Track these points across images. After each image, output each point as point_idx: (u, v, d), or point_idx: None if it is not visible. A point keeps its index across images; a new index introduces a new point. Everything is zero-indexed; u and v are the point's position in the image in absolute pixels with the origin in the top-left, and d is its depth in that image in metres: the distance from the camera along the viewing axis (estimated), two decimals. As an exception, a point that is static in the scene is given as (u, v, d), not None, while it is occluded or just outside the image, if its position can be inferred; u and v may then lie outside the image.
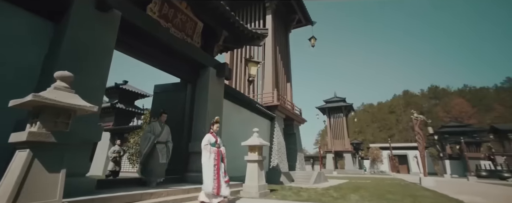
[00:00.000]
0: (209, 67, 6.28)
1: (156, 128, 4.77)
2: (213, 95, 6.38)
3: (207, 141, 4.22)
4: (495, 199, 5.73)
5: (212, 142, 4.23)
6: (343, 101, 39.16)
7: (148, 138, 4.60)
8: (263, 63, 12.40)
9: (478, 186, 10.74)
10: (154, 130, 4.72)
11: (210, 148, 4.16)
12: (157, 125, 4.81)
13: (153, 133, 4.67)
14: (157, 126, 4.78)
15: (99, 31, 3.48)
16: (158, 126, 4.79)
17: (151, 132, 4.68)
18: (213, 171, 3.97)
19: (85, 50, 3.26)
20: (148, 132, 4.69)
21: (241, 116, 9.14)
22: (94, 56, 3.38)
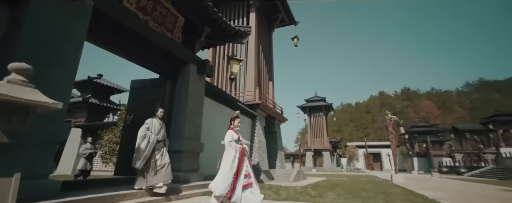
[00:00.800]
0: (190, 63, 6.09)
1: (155, 125, 4.23)
2: (194, 92, 6.21)
3: (231, 137, 3.81)
4: (454, 194, 6.29)
5: (236, 139, 3.83)
6: (323, 101, 40.25)
7: (146, 137, 3.99)
8: (246, 61, 12.33)
9: (440, 182, 11.63)
10: (153, 128, 4.17)
11: (235, 145, 3.74)
12: (155, 121, 4.28)
13: (151, 131, 4.10)
14: (156, 123, 4.26)
15: (67, 20, 3.20)
16: (157, 123, 4.27)
17: (150, 129, 4.10)
18: (233, 172, 3.51)
19: (50, 40, 2.97)
20: (146, 129, 4.08)
21: (223, 114, 9.01)
22: (61, 47, 3.09)
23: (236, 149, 3.69)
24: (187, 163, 5.48)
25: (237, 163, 3.61)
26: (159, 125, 4.30)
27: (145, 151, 3.94)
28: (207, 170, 7.15)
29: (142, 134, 4.03)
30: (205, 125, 7.55)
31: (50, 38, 2.98)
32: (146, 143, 3.98)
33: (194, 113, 6.23)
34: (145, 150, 3.94)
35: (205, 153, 7.02)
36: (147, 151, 3.96)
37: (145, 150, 3.94)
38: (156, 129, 4.21)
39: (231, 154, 3.65)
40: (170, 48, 5.37)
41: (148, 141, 3.99)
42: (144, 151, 3.93)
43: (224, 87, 12.59)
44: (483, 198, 5.71)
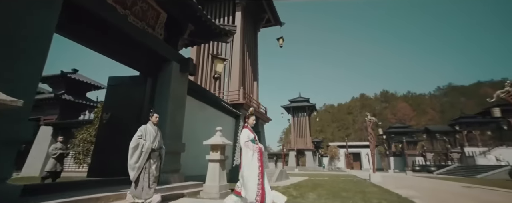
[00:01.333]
0: (172, 61, 5.90)
1: (150, 133, 3.84)
2: (176, 91, 6.02)
3: (247, 137, 3.53)
4: (424, 192, 6.67)
5: (252, 138, 3.55)
6: (307, 101, 40.96)
7: (139, 146, 3.62)
8: (230, 60, 12.22)
9: (413, 180, 12.29)
10: (148, 135, 3.80)
11: (253, 145, 3.45)
12: (150, 128, 3.89)
13: (146, 138, 3.73)
14: (151, 130, 3.88)
15: (33, 11, 2.94)
16: (152, 130, 3.90)
17: (144, 137, 3.73)
18: (257, 174, 3.25)
19: (12, 32, 2.72)
20: (139, 137, 3.70)
21: (205, 113, 8.85)
22: (26, 40, 2.84)
23: (253, 149, 3.41)
24: (167, 164, 5.29)
25: (258, 164, 3.33)
26: (154, 132, 3.92)
27: (138, 161, 3.58)
28: (189, 171, 6.99)
29: (134, 144, 3.65)
30: (187, 124, 7.36)
31: (12, 30, 2.72)
32: (139, 153, 3.62)
33: (176, 112, 6.05)
34: (138, 161, 3.58)
35: (187, 153, 6.85)
36: (141, 161, 3.60)
37: (138, 160, 3.58)
38: (151, 136, 3.83)
39: (248, 154, 3.39)
40: (151, 44, 5.16)
41: (141, 151, 3.63)
42: (137, 162, 3.58)
43: (208, 86, 12.39)
44: (449, 195, 6.14)
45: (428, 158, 35.42)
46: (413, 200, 4.59)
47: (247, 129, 3.67)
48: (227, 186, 5.53)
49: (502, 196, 6.21)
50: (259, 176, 3.24)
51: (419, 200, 4.69)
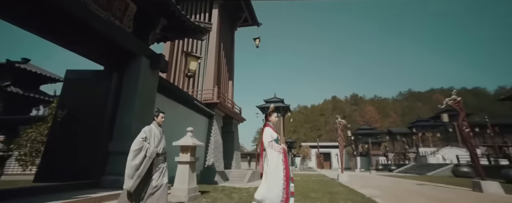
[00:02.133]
0: (142, 56, 5.53)
1: (155, 135, 3.42)
2: (145, 88, 5.65)
3: (270, 136, 3.21)
4: (385, 190, 7.17)
5: (276, 138, 3.25)
6: (281, 102, 41.71)
7: (143, 150, 3.18)
8: (205, 58, 11.91)
9: (376, 179, 13.19)
10: (153, 138, 3.38)
11: (277, 146, 3.16)
12: (155, 130, 3.49)
13: (150, 142, 3.31)
14: (156, 132, 3.48)
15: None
16: (157, 132, 3.50)
17: (148, 140, 3.32)
18: (282, 177, 2.97)
19: None
20: (143, 140, 3.27)
21: (177, 112, 8.49)
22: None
23: (279, 150, 3.12)
24: (131, 166, 4.94)
25: (284, 166, 3.06)
26: (159, 134, 3.49)
27: (139, 168, 3.10)
28: (156, 173, 6.62)
29: (137, 146, 3.18)
30: (156, 124, 6.99)
31: None
32: (142, 157, 3.15)
33: (144, 110, 5.68)
34: (140, 167, 3.10)
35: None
36: (143, 168, 3.12)
37: (140, 166, 3.10)
38: (155, 139, 3.39)
39: (274, 156, 3.08)
40: (117, 37, 4.76)
41: (144, 155, 3.16)
42: (139, 169, 3.09)
43: (181, 84, 11.93)
44: (406, 193, 6.70)
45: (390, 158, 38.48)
46: (376, 199, 4.88)
47: (269, 128, 3.33)
48: (197, 188, 5.35)
49: (447, 192, 6.94)
50: (284, 179, 2.99)
51: (381, 200, 5.01)
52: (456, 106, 8.12)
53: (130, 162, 3.13)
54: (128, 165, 3.13)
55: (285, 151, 3.19)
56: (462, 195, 6.40)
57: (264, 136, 3.23)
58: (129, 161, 3.15)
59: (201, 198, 5.13)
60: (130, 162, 3.13)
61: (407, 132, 41.93)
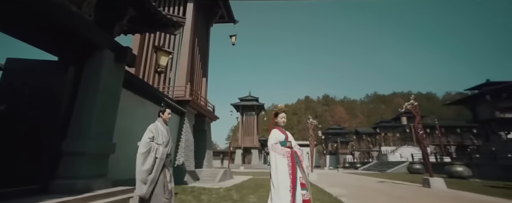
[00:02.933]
0: (105, 48, 5.07)
1: (162, 134, 3.11)
2: (108, 83, 5.21)
3: (275, 139, 2.88)
4: (351, 189, 7.60)
5: (282, 140, 2.89)
6: (256, 101, 42.00)
7: (152, 151, 2.89)
8: (178, 54, 11.43)
9: (342, 177, 13.96)
10: (161, 137, 3.07)
11: (281, 149, 2.81)
12: (161, 128, 3.21)
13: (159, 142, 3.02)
14: (163, 130, 3.19)
15: None
16: (164, 130, 3.21)
17: (156, 139, 3.01)
18: (288, 182, 2.63)
19: None
20: (150, 140, 2.96)
21: (145, 110, 8.03)
22: None
23: (282, 153, 2.77)
24: (89, 168, 4.52)
25: (289, 171, 2.70)
26: (166, 133, 3.23)
27: (152, 171, 2.82)
28: (121, 174, 6.21)
29: (145, 148, 2.87)
30: (122, 122, 6.54)
31: None
32: (153, 160, 2.86)
33: (107, 108, 5.24)
34: (152, 171, 2.82)
35: (119, 154, 6.07)
36: (156, 171, 2.84)
37: (152, 170, 2.82)
38: (163, 138, 3.13)
39: (277, 160, 2.75)
40: (74, 25, 4.29)
41: (154, 158, 2.88)
42: (152, 172, 2.81)
43: (152, 80, 11.31)
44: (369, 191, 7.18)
45: (356, 156, 41.06)
46: (342, 199, 5.13)
47: (277, 129, 3.00)
48: (164, 191, 5.10)
49: (402, 189, 7.62)
50: (291, 185, 2.64)
51: (346, 199, 5.28)
52: (413, 110, 8.91)
53: (141, 167, 2.84)
54: (139, 169, 2.85)
55: (292, 155, 2.79)
56: (414, 191, 7.07)
57: (269, 139, 2.96)
58: (139, 165, 2.86)
59: (167, 201, 4.90)
60: (140, 166, 2.85)
61: (371, 132, 45.09)
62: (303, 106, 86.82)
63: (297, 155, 2.85)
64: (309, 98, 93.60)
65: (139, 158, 2.89)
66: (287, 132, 3.01)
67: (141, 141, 2.97)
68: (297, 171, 2.71)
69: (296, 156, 2.81)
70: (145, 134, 3.02)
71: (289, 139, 2.94)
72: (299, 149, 2.94)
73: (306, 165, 20.93)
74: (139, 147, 2.94)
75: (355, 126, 61.71)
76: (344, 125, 67.22)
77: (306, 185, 2.71)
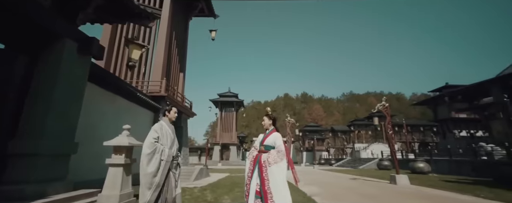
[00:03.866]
0: (66, 38, 4.58)
1: (167, 134, 2.90)
2: (69, 76, 4.73)
3: (255, 143, 3.03)
4: (324, 187, 7.80)
5: (257, 144, 3.00)
6: (235, 97, 41.71)
7: (157, 152, 2.68)
8: (153, 47, 10.85)
9: (317, 174, 14.40)
10: (165, 137, 2.85)
11: (250, 152, 2.96)
12: (167, 128, 2.99)
13: (163, 143, 2.81)
14: (168, 131, 2.96)
15: None
16: (170, 130, 2.99)
17: (161, 140, 2.79)
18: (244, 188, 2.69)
19: None
20: (155, 140, 2.73)
21: (116, 106, 7.51)
22: None
23: (249, 156, 2.85)
24: (44, 170, 4.08)
25: (248, 175, 2.71)
26: (172, 133, 3.00)
27: (157, 175, 2.61)
28: (85, 175, 5.76)
29: (150, 149, 2.64)
30: (89, 118, 6.05)
31: None
32: (158, 162, 2.65)
33: (67, 103, 4.76)
34: (157, 174, 2.61)
35: (84, 154, 5.62)
36: (161, 175, 2.63)
37: (157, 173, 2.61)
38: (168, 139, 2.88)
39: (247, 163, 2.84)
40: (26, 9, 3.79)
41: (160, 160, 2.66)
42: (156, 175, 2.60)
43: (124, 75, 10.61)
44: (341, 190, 7.45)
45: (331, 153, 42.77)
46: (315, 199, 5.23)
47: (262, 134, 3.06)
48: (132, 193, 4.79)
49: (371, 186, 8.02)
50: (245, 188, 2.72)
51: (319, 198, 5.39)
52: (384, 111, 9.37)
53: (145, 170, 2.60)
54: (143, 173, 2.61)
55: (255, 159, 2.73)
56: (383, 188, 7.49)
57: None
58: (143, 167, 2.62)
59: (135, 204, 4.61)
60: (144, 169, 2.61)
61: (346, 129, 47.18)
62: (282, 103, 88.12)
63: (260, 160, 2.65)
64: (288, 96, 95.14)
65: (143, 160, 2.68)
66: (273, 134, 2.87)
67: (145, 142, 2.76)
68: (252, 177, 2.62)
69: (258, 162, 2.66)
70: (149, 134, 2.82)
71: (267, 142, 2.81)
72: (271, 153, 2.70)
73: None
74: (143, 148, 2.73)
75: (331, 124, 64.10)
76: (321, 122, 69.49)
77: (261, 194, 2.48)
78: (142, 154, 2.69)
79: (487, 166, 12.37)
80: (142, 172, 2.66)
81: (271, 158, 2.63)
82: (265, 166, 2.58)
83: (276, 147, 2.74)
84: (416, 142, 39.65)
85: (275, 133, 2.87)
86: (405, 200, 5.49)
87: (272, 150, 2.74)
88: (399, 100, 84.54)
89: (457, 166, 14.36)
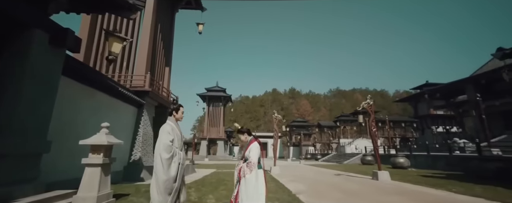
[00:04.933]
0: (35, 28, 4.23)
1: (177, 136, 2.75)
2: (39, 69, 4.39)
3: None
4: (310, 185, 7.89)
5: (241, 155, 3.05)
6: (223, 92, 41.31)
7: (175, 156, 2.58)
8: (138, 40, 10.37)
9: (303, 169, 14.64)
10: (177, 139, 2.72)
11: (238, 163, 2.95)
12: (176, 129, 2.79)
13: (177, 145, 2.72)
14: (178, 132, 2.78)
15: None
16: (178, 132, 2.80)
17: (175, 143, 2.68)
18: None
19: None
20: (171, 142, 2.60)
21: (95, 101, 7.13)
22: None
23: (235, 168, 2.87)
24: (10, 171, 3.80)
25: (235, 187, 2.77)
26: (181, 135, 2.85)
27: (175, 180, 2.54)
28: (59, 175, 5.45)
29: (169, 152, 2.52)
30: (64, 115, 5.71)
31: None
32: (177, 166, 2.56)
33: (38, 99, 4.44)
34: (176, 179, 2.55)
35: (59, 152, 5.32)
36: (179, 180, 2.59)
37: (176, 178, 2.55)
38: (179, 141, 2.76)
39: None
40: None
41: (178, 163, 2.58)
42: (175, 181, 2.54)
43: (105, 69, 10.07)
44: (325, 187, 7.57)
45: (317, 148, 43.64)
46: (300, 197, 5.26)
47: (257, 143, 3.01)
48: (111, 194, 4.59)
49: (355, 183, 8.24)
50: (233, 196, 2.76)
51: (304, 196, 5.43)
52: (369, 109, 9.58)
53: (166, 174, 2.46)
54: (162, 177, 2.47)
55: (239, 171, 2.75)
56: (365, 184, 7.71)
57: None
58: (164, 172, 2.47)
59: (114, 206, 4.43)
60: (165, 174, 2.47)
61: (332, 125, 48.21)
62: (270, 98, 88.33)
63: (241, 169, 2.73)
64: (276, 91, 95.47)
65: (163, 165, 2.51)
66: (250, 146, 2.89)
67: (161, 145, 2.57)
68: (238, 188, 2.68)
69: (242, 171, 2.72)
70: (163, 137, 2.62)
71: (246, 155, 2.84)
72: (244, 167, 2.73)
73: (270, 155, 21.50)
74: (161, 152, 2.54)
75: (318, 119, 65.26)
76: (308, 118, 70.53)
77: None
78: (161, 158, 2.54)
79: (459, 161, 13.09)
80: (162, 177, 2.52)
81: (242, 170, 2.72)
82: (242, 178, 2.67)
83: (248, 158, 2.80)
84: (398, 137, 41.26)
85: (252, 145, 2.90)
86: (385, 196, 5.66)
87: (243, 163, 2.81)
88: (383, 96, 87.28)
89: (433, 160, 15.10)
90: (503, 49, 12.79)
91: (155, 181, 2.53)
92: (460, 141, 18.93)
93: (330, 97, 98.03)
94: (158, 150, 2.57)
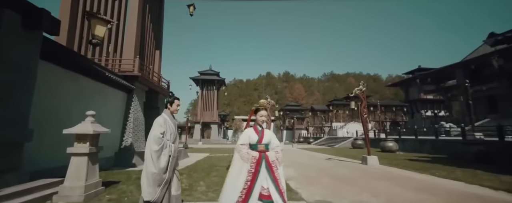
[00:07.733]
0: (5, 9, 3.86)
1: (171, 129, 2.68)
2: (12, 54, 4.12)
3: (244, 140, 2.48)
4: (301, 170, 8.07)
5: (254, 143, 2.45)
6: (216, 75, 40.75)
7: (166, 148, 2.52)
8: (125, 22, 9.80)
9: (295, 154, 14.95)
10: (169, 132, 2.65)
11: (246, 152, 2.38)
12: (170, 121, 2.71)
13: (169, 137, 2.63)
14: (171, 124, 2.71)
15: None
16: (172, 124, 2.73)
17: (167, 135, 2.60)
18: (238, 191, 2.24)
19: None
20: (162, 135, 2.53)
21: (79, 87, 6.83)
22: None
23: (246, 158, 2.35)
24: (-7, 162, 3.66)
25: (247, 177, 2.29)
26: (174, 127, 2.77)
27: (166, 172, 2.49)
28: (44, 163, 5.34)
29: (159, 144, 2.47)
30: (45, 102, 5.47)
31: None
32: (167, 158, 2.51)
33: (15, 86, 4.19)
34: (166, 171, 2.49)
35: (42, 140, 5.18)
36: (169, 171, 2.51)
37: (166, 170, 2.49)
38: (172, 133, 2.69)
39: (235, 163, 2.40)
40: None
41: (168, 155, 2.53)
42: (165, 172, 2.48)
43: (91, 53, 9.56)
44: (315, 172, 7.77)
45: (310, 131, 44.49)
46: (290, 183, 5.35)
47: (250, 129, 2.58)
48: (99, 183, 4.53)
49: (344, 168, 8.46)
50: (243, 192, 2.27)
51: (294, 182, 5.54)
52: (361, 95, 9.59)
53: (156, 166, 2.44)
54: (151, 170, 2.44)
55: (258, 161, 2.35)
56: (354, 169, 7.93)
57: (239, 139, 2.59)
58: (153, 164, 2.44)
59: (103, 194, 4.39)
60: (154, 165, 2.44)
61: (325, 109, 48.88)
62: (264, 81, 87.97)
63: (269, 161, 2.37)
64: (270, 74, 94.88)
65: (152, 157, 2.48)
66: (267, 132, 2.56)
67: (151, 137, 2.54)
68: (257, 179, 2.30)
69: (265, 161, 2.36)
70: (154, 128, 2.58)
71: (265, 141, 2.48)
72: (278, 152, 2.47)
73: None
74: (150, 144, 2.51)
75: (311, 103, 65.89)
76: (301, 102, 71.10)
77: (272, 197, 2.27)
78: (150, 150, 2.50)
79: (444, 144, 13.61)
80: (151, 169, 2.48)
81: (280, 157, 2.46)
82: (275, 166, 2.38)
83: (277, 145, 2.56)
84: (388, 121, 42.32)
85: (269, 130, 2.63)
86: (372, 181, 5.84)
87: (277, 149, 2.51)
88: (376, 81, 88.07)
89: (421, 144, 15.64)
90: (495, 34, 12.78)
91: (145, 173, 2.54)
92: (446, 125, 19.59)
93: (324, 81, 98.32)
94: (149, 142, 2.56)
